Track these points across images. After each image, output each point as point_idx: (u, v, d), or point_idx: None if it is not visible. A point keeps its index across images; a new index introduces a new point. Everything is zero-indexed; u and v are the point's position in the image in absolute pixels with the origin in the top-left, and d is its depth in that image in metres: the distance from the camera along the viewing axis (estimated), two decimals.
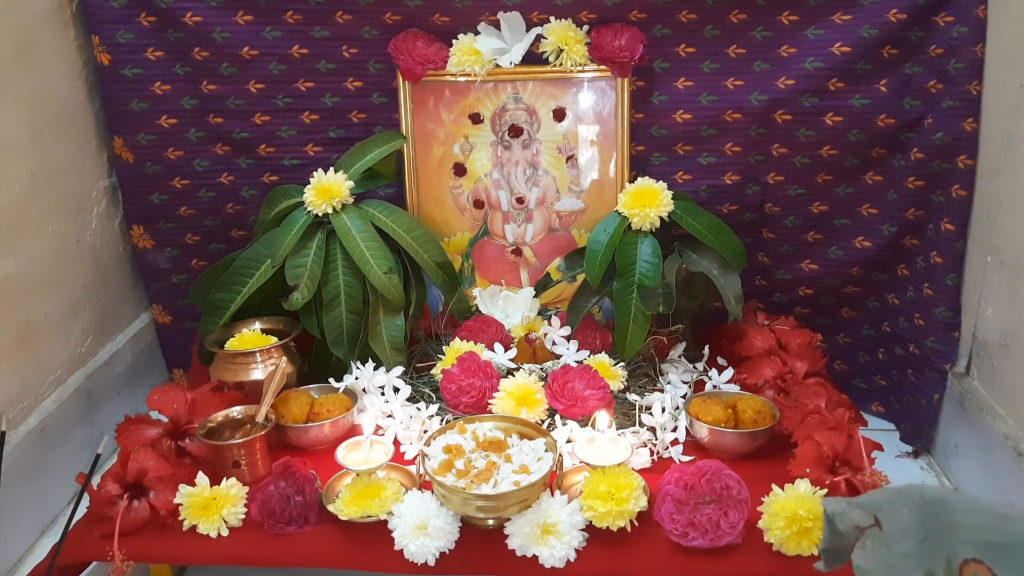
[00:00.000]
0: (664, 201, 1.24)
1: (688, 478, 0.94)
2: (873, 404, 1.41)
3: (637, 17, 1.26)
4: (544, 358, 1.29)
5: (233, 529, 0.98)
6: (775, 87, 1.26)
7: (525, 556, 0.93)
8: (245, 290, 1.24)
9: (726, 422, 1.09)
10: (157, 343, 1.46)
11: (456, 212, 1.38)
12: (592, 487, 0.94)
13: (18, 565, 1.07)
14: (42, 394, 1.16)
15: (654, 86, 1.30)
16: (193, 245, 1.41)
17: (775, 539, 0.91)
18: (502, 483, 0.93)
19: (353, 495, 0.96)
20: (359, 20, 1.28)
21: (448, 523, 0.94)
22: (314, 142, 1.36)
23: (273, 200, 1.31)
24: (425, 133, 1.34)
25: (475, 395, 1.14)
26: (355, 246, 1.22)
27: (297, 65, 1.31)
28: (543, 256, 1.38)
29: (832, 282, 1.36)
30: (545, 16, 1.27)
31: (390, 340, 1.25)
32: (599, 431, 1.02)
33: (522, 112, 1.33)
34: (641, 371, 1.25)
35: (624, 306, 1.20)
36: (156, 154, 1.34)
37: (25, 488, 1.08)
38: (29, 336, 1.13)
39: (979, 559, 0.56)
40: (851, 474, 0.95)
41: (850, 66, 1.22)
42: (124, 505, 0.97)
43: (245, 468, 1.04)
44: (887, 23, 1.19)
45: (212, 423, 1.08)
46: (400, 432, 1.14)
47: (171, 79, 1.30)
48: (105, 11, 1.25)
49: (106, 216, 1.34)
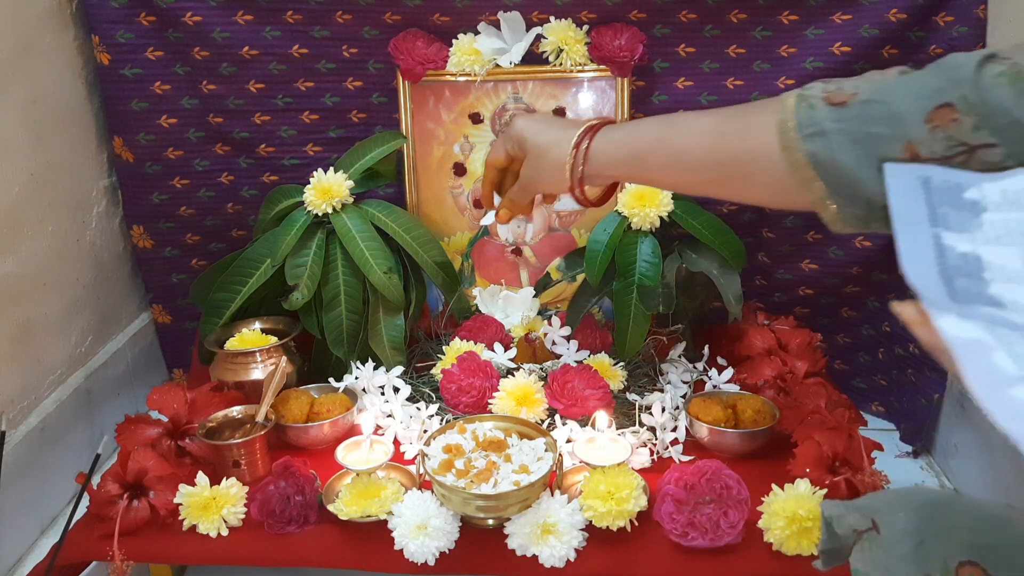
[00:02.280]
0: (664, 201, 1.24)
1: (688, 478, 0.94)
2: (873, 404, 1.41)
3: (637, 17, 1.26)
4: (544, 358, 1.29)
5: (233, 529, 0.98)
6: (775, 87, 1.26)
7: (525, 556, 0.93)
8: (245, 290, 1.25)
9: (726, 422, 1.09)
10: (157, 343, 1.46)
11: (456, 212, 1.38)
12: (592, 487, 0.94)
13: (18, 565, 1.07)
14: (42, 394, 1.16)
15: (654, 86, 1.30)
16: (193, 245, 1.41)
17: (775, 539, 0.91)
18: (502, 483, 0.93)
19: (353, 495, 0.96)
20: (359, 20, 1.28)
21: (448, 523, 0.94)
22: (314, 142, 1.36)
23: (273, 200, 1.31)
24: (425, 133, 1.34)
25: (475, 395, 1.14)
26: (355, 246, 1.22)
27: (297, 65, 1.31)
28: (543, 256, 1.38)
29: (832, 282, 1.36)
30: (545, 16, 1.27)
31: (390, 340, 1.25)
32: (599, 431, 1.02)
33: (522, 112, 1.33)
34: (641, 371, 1.25)
35: (624, 306, 1.20)
36: (156, 154, 1.34)
37: (25, 488, 1.08)
38: (29, 336, 1.13)
39: (975, 561, 0.56)
40: (851, 474, 0.95)
41: (850, 66, 1.22)
42: (124, 505, 0.97)
43: (245, 468, 1.04)
44: (887, 23, 1.19)
45: (212, 423, 1.08)
46: (400, 432, 1.15)
47: (171, 79, 1.30)
48: (105, 11, 1.25)
49: (106, 216, 1.34)
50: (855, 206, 0.62)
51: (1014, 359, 0.44)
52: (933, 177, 0.56)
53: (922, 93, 0.59)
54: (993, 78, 0.57)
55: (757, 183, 0.67)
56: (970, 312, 0.48)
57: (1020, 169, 0.56)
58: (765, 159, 0.65)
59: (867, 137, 0.60)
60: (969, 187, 0.55)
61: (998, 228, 0.53)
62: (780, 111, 0.64)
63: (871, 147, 0.60)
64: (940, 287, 0.50)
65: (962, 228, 0.53)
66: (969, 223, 0.53)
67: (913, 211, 0.54)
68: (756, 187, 0.68)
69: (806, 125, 0.62)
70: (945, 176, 0.56)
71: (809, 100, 0.63)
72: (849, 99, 0.62)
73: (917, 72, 0.61)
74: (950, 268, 0.51)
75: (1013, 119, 0.56)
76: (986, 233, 0.53)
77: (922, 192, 0.55)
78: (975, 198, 0.54)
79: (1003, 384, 0.43)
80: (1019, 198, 0.54)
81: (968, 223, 0.53)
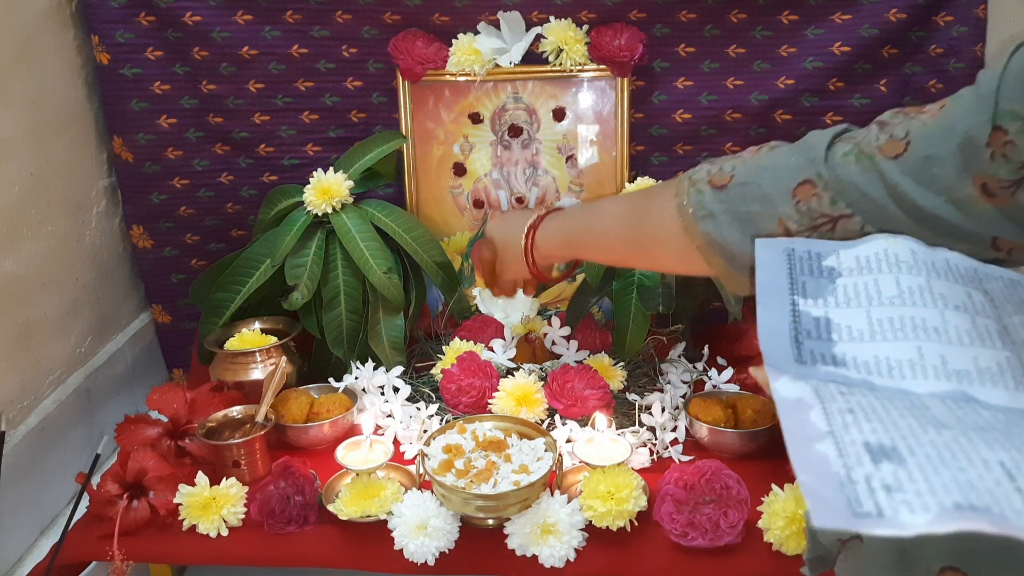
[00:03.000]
0: None
1: (688, 478, 0.94)
2: None
3: (637, 17, 1.26)
4: (544, 358, 1.29)
5: (233, 529, 0.98)
6: (775, 87, 1.26)
7: (525, 556, 0.93)
8: (245, 290, 1.24)
9: (726, 422, 1.09)
10: (157, 343, 1.46)
11: (456, 212, 1.38)
12: (592, 487, 0.94)
13: (18, 565, 1.07)
14: (42, 394, 1.16)
15: (654, 86, 1.30)
16: (193, 245, 1.41)
17: (775, 539, 0.91)
18: (502, 483, 0.93)
19: (353, 495, 0.96)
20: (359, 20, 1.28)
21: (448, 523, 0.94)
22: (314, 142, 1.36)
23: (273, 200, 1.31)
24: (425, 133, 1.34)
25: (475, 395, 1.14)
26: (355, 246, 1.22)
27: (297, 65, 1.31)
28: None
29: None
30: (545, 16, 1.27)
31: (390, 340, 1.25)
32: (599, 431, 1.02)
33: (522, 112, 1.33)
34: (641, 371, 1.25)
35: (624, 306, 1.20)
36: (156, 154, 1.34)
37: (25, 488, 1.08)
38: (29, 336, 1.13)
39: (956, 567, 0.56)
40: None
41: (850, 66, 1.22)
42: (124, 505, 0.97)
43: (245, 468, 1.04)
44: (887, 23, 1.19)
45: (212, 423, 1.08)
46: (400, 432, 1.14)
47: (171, 79, 1.30)
48: (105, 11, 1.25)
49: (106, 216, 1.34)
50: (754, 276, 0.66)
51: (826, 416, 0.48)
52: (796, 248, 0.62)
53: (786, 173, 0.65)
54: (841, 157, 0.63)
55: (669, 258, 0.75)
56: (807, 373, 0.53)
57: (875, 235, 0.60)
58: (671, 238, 0.72)
59: (747, 215, 0.66)
60: (828, 255, 0.60)
61: (849, 292, 0.58)
62: (677, 195, 0.70)
63: (751, 224, 0.66)
64: (789, 350, 0.54)
65: (817, 295, 0.58)
66: (825, 289, 0.58)
67: (775, 282, 0.59)
68: (669, 261, 0.77)
69: (698, 208, 0.69)
70: (807, 247, 0.62)
71: (697, 184, 0.70)
72: (728, 182, 0.68)
73: (782, 149, 0.67)
74: (802, 332, 0.56)
75: (862, 193, 0.61)
76: (838, 297, 0.57)
77: (786, 263, 0.60)
78: (832, 265, 0.60)
79: (810, 439, 0.46)
80: (869, 262, 0.58)
81: (824, 289, 0.58)
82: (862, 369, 0.53)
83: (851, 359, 0.54)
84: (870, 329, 0.55)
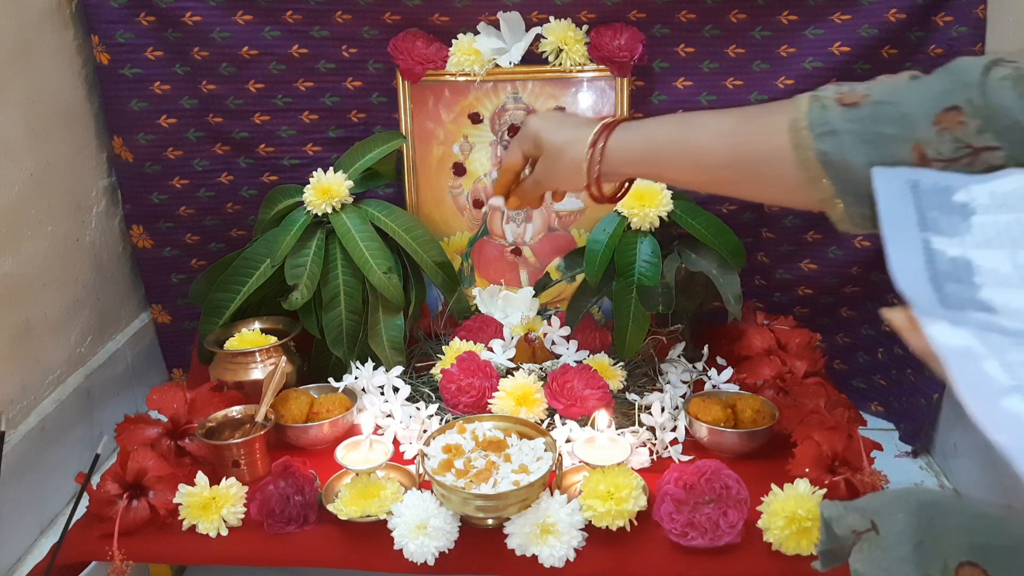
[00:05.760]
0: (663, 201, 1.24)
1: (687, 478, 0.94)
2: (872, 404, 1.41)
3: (637, 17, 1.26)
4: (544, 358, 1.29)
5: (233, 529, 0.98)
6: (775, 87, 1.26)
7: (525, 556, 0.93)
8: (245, 290, 1.24)
9: (725, 422, 1.09)
10: (157, 343, 1.46)
11: (456, 212, 1.38)
12: (591, 487, 0.94)
13: (17, 565, 1.07)
14: (41, 394, 1.16)
15: (654, 86, 1.30)
16: (193, 245, 1.41)
17: (774, 539, 0.91)
18: (501, 483, 0.93)
19: (353, 495, 0.96)
20: (359, 20, 1.28)
21: (448, 523, 0.94)
22: (314, 142, 1.36)
23: (273, 200, 1.31)
24: (425, 133, 1.34)
25: (475, 395, 1.14)
26: (355, 246, 1.22)
27: (297, 65, 1.31)
28: (543, 256, 1.38)
29: (831, 282, 1.36)
30: (545, 16, 1.27)
31: (390, 340, 1.25)
32: (598, 431, 1.02)
33: (522, 112, 1.33)
34: (640, 371, 1.25)
35: (624, 306, 1.20)
36: (156, 154, 1.34)
37: (24, 488, 1.08)
38: (28, 336, 1.13)
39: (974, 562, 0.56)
40: (850, 474, 0.95)
41: (850, 66, 1.22)
42: (124, 505, 0.97)
43: (245, 468, 1.04)
44: (887, 23, 1.19)
45: (212, 423, 1.08)
46: (400, 432, 1.15)
47: (171, 79, 1.30)
48: (105, 11, 1.25)
49: (106, 216, 1.34)
50: (862, 205, 0.63)
51: (1005, 368, 0.44)
52: (922, 180, 0.56)
53: (931, 96, 0.60)
54: (998, 81, 0.58)
55: (769, 182, 0.69)
56: (961, 318, 0.48)
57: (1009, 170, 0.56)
58: (777, 159, 0.66)
59: (877, 137, 0.61)
60: (958, 189, 0.55)
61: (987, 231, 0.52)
62: (793, 111, 0.65)
63: (880, 147, 0.60)
64: (930, 293, 0.50)
65: (951, 232, 0.53)
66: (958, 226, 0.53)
67: (902, 215, 0.54)
68: (768, 186, 0.70)
69: (818, 124, 0.63)
70: (934, 179, 0.56)
71: (822, 101, 0.64)
72: (861, 100, 0.62)
73: (927, 76, 0.62)
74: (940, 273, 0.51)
75: (1014, 121, 0.57)
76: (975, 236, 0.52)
77: (911, 196, 0.55)
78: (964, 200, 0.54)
79: (994, 394, 0.43)
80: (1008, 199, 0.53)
81: (957, 226, 0.53)
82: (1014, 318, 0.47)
83: (1002, 306, 0.48)
84: (1018, 274, 0.49)
